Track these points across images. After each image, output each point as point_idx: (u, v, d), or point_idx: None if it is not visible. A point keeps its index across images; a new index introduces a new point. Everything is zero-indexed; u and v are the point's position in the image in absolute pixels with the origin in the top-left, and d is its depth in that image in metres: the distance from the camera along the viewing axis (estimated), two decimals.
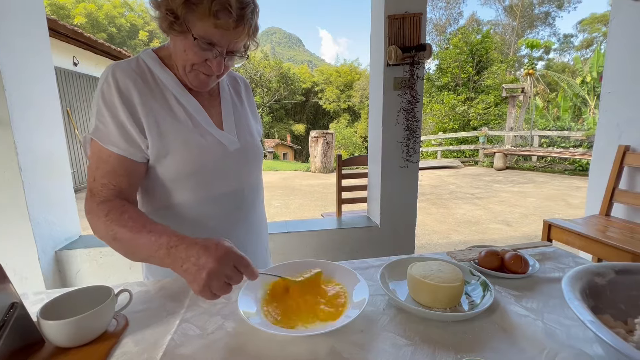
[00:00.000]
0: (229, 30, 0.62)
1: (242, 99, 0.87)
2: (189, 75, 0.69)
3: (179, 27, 0.63)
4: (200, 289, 0.52)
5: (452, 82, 15.39)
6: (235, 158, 0.77)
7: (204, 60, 0.66)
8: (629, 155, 2.10)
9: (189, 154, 0.70)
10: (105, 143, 0.65)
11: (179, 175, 0.70)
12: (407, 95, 2.04)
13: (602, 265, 0.54)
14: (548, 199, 5.36)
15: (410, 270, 0.63)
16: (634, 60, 2.07)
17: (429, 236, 3.73)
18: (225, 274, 0.53)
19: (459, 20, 22.78)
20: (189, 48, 0.64)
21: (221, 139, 0.75)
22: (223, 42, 0.64)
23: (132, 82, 0.67)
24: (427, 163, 9.84)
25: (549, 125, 10.85)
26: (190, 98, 0.73)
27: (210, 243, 0.54)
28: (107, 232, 0.61)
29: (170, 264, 0.55)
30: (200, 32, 0.62)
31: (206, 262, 0.52)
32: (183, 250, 0.54)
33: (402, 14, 1.96)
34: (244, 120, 0.83)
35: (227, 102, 0.81)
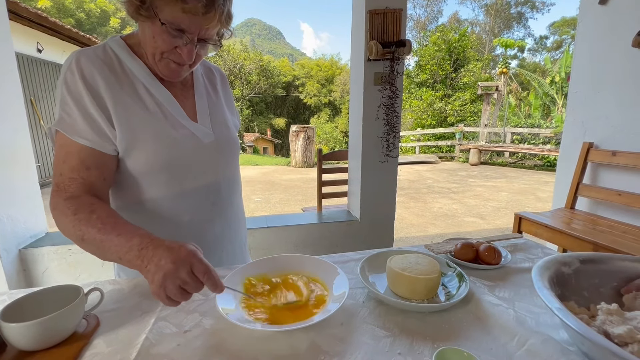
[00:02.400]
0: (198, 15, 0.59)
1: (217, 90, 0.84)
2: (159, 64, 0.66)
3: (146, 11, 0.59)
4: (155, 290, 0.50)
5: (430, 79, 15.70)
6: (210, 151, 0.74)
7: (173, 47, 0.63)
8: (593, 151, 2.22)
9: (160, 146, 0.66)
10: (72, 135, 0.62)
11: (150, 169, 0.67)
12: (387, 90, 2.05)
13: (568, 255, 0.57)
14: (519, 193, 5.61)
15: (390, 263, 0.64)
16: (599, 62, 2.19)
17: (408, 229, 3.82)
18: (181, 277, 0.50)
19: (438, 18, 23.21)
20: (157, 34, 0.61)
21: (195, 132, 0.72)
22: (193, 28, 0.61)
23: (98, 70, 0.64)
24: (406, 158, 10.03)
25: (521, 123, 11.32)
26: (161, 88, 0.70)
27: (175, 245, 0.52)
28: (75, 232, 0.58)
29: (139, 266, 0.53)
30: (168, 17, 0.59)
31: (165, 263, 0.50)
32: (151, 250, 0.53)
33: (382, 9, 1.97)
34: (219, 112, 0.80)
35: (201, 94, 0.78)
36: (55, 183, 0.62)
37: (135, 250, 0.54)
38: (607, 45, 2.11)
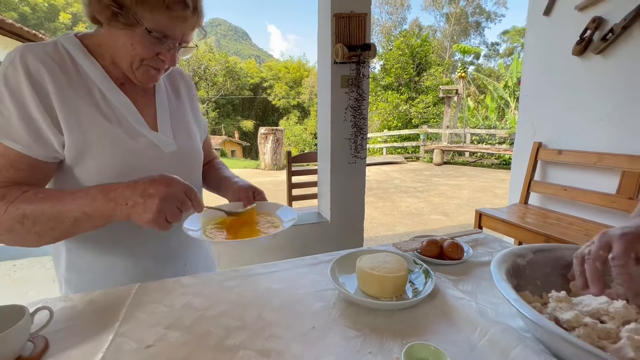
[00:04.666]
0: (186, 21, 0.60)
1: (181, 97, 0.80)
2: (136, 71, 0.63)
3: (126, 19, 0.57)
4: (154, 216, 0.52)
5: (395, 82, 16.22)
6: (171, 161, 0.70)
7: (155, 54, 0.62)
8: (542, 150, 2.41)
9: (116, 156, 0.62)
10: (4, 137, 0.56)
11: (103, 179, 0.61)
12: (354, 93, 2.09)
13: (523, 247, 0.60)
14: (479, 190, 5.94)
15: (359, 263, 0.65)
16: (545, 68, 2.38)
17: (377, 229, 3.90)
18: (178, 198, 0.54)
19: (402, 24, 24.06)
20: (138, 42, 0.59)
21: (155, 141, 0.68)
22: (177, 33, 0.61)
23: (47, 68, 0.58)
24: (374, 159, 10.26)
25: (479, 124, 12.02)
26: (119, 94, 0.65)
27: (155, 176, 0.55)
28: (11, 214, 0.53)
29: (112, 208, 0.53)
30: (153, 25, 0.57)
31: (156, 190, 0.52)
32: (124, 189, 0.53)
33: (348, 13, 2.00)
34: (182, 120, 0.77)
35: (163, 101, 0.74)
36: None
37: (101, 197, 0.53)
38: (552, 53, 2.31)
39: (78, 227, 0.55)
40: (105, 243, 0.68)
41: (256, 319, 0.57)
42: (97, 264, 0.69)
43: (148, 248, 0.72)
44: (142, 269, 0.71)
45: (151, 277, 0.70)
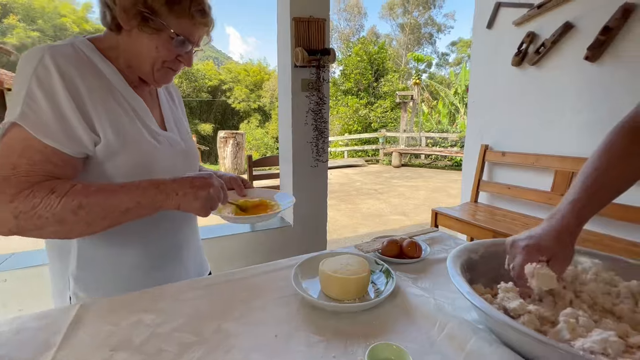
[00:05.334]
0: (205, 27, 0.70)
1: (174, 101, 0.88)
2: (156, 73, 0.70)
3: (154, 24, 0.63)
4: (203, 204, 0.63)
5: (355, 87, 16.65)
6: (181, 159, 0.78)
7: (175, 56, 0.69)
8: (488, 152, 2.60)
9: (142, 154, 0.68)
10: (39, 134, 0.57)
11: (131, 176, 0.65)
12: (315, 96, 2.10)
13: (475, 243, 0.64)
14: (434, 191, 6.27)
15: (322, 267, 0.65)
16: (489, 77, 2.58)
17: (340, 231, 3.95)
18: (218, 189, 0.66)
19: (360, 31, 24.83)
20: (162, 45, 0.66)
21: (169, 140, 0.75)
22: (196, 38, 0.69)
23: (77, 70, 0.61)
24: (336, 162, 10.41)
25: (433, 128, 12.72)
26: (136, 96, 0.71)
27: (196, 173, 0.66)
28: (66, 205, 0.56)
29: (163, 199, 0.61)
30: (178, 30, 0.65)
31: (203, 183, 0.64)
32: (172, 183, 0.62)
33: (307, 17, 2.01)
34: (181, 122, 0.86)
35: (165, 103, 0.82)
36: (3, 177, 0.56)
37: (152, 189, 0.61)
38: (494, 63, 2.51)
39: (127, 217, 0.60)
40: (117, 235, 0.70)
41: (214, 333, 0.54)
42: (108, 257, 0.72)
43: (159, 239, 0.76)
44: (151, 261, 0.75)
45: (159, 269, 0.76)
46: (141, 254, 0.74)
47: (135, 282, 0.72)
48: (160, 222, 0.74)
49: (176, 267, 0.80)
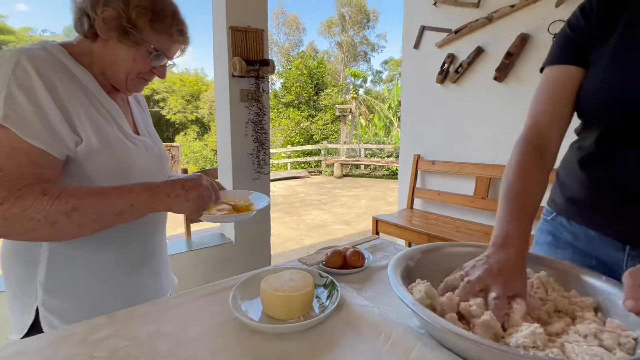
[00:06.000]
0: (183, 45, 0.75)
1: (143, 108, 0.90)
2: (130, 82, 0.72)
3: (134, 37, 0.66)
4: (196, 204, 0.66)
5: (296, 100, 16.86)
6: (156, 163, 0.80)
7: (150, 68, 0.72)
8: (420, 162, 2.80)
9: (120, 156, 0.69)
10: (25, 135, 0.56)
11: (111, 178, 0.67)
12: (255, 107, 2.06)
13: (411, 250, 0.66)
14: (374, 199, 6.57)
15: (263, 285, 0.61)
16: (418, 92, 2.81)
17: (284, 244, 3.88)
18: (208, 189, 0.68)
19: (300, 46, 25.40)
20: (140, 58, 0.69)
21: (143, 144, 0.76)
22: (172, 53, 0.74)
23: (55, 72, 0.61)
24: (279, 174, 10.32)
25: (371, 140, 13.43)
26: (111, 101, 0.72)
27: (186, 175, 0.70)
28: (59, 208, 0.56)
29: (156, 202, 0.63)
30: (157, 44, 0.69)
31: (194, 184, 0.66)
32: (164, 186, 0.64)
33: (244, 27, 1.98)
34: (151, 127, 0.88)
35: (136, 110, 0.84)
36: None
37: (145, 192, 0.62)
38: (422, 80, 2.75)
39: (119, 219, 0.62)
40: (93, 239, 0.68)
41: None
42: (84, 262, 0.71)
43: (134, 242, 0.77)
44: (127, 265, 0.76)
45: (135, 273, 0.77)
46: (118, 258, 0.74)
47: (111, 287, 0.73)
48: (134, 225, 0.73)
49: (150, 272, 0.82)
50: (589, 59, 0.63)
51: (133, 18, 0.65)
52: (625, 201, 0.61)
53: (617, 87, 0.58)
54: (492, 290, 0.50)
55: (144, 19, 0.65)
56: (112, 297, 0.73)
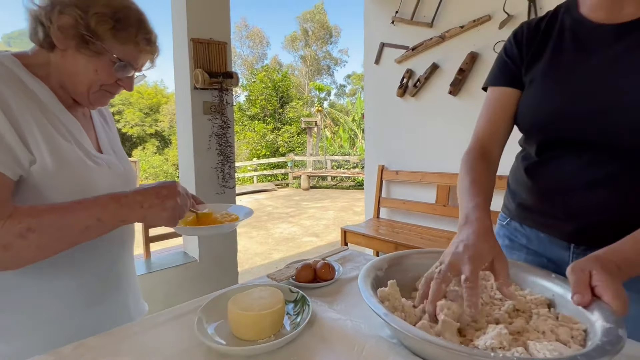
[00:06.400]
0: (151, 54, 0.69)
1: (108, 124, 0.84)
2: (92, 95, 0.66)
3: (95, 47, 0.61)
4: (172, 214, 0.61)
5: (261, 113, 16.78)
6: (121, 183, 0.74)
7: (115, 80, 0.67)
8: (385, 172, 2.89)
9: (82, 176, 0.64)
10: None
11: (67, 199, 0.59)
12: (218, 120, 2.01)
13: (380, 259, 0.67)
14: (342, 210, 6.63)
15: (230, 305, 0.58)
16: (380, 105, 2.92)
17: (252, 260, 3.77)
18: (184, 197, 0.64)
19: (264, 59, 25.48)
20: (102, 68, 0.63)
21: (107, 163, 0.71)
22: (140, 63, 0.68)
23: (7, 87, 0.56)
24: (245, 188, 10.11)
25: (336, 152, 13.66)
26: (70, 117, 0.66)
27: (159, 182, 0.63)
28: (11, 229, 0.50)
29: (127, 213, 0.58)
30: (121, 54, 0.63)
31: (169, 191, 0.61)
32: (135, 195, 0.59)
33: (206, 39, 1.95)
34: (117, 143, 0.82)
35: (99, 126, 0.78)
36: None
37: (113, 203, 0.57)
38: (383, 94, 2.86)
39: (85, 236, 0.57)
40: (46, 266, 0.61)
41: None
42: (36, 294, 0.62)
43: (96, 267, 0.70)
44: (88, 295, 0.68)
45: (98, 304, 0.70)
46: (77, 287, 0.67)
47: (71, 322, 0.65)
48: (97, 246, 0.67)
49: (117, 300, 0.75)
50: (523, 82, 0.71)
51: (92, 26, 0.60)
52: (567, 204, 0.67)
53: (545, 109, 0.66)
54: (462, 272, 0.50)
55: (104, 26, 0.61)
56: (71, 334, 0.61)
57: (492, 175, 0.72)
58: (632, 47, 0.58)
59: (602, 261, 0.51)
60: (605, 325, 0.43)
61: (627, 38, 0.58)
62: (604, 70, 0.60)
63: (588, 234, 0.59)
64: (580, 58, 0.63)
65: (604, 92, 0.60)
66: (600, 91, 0.60)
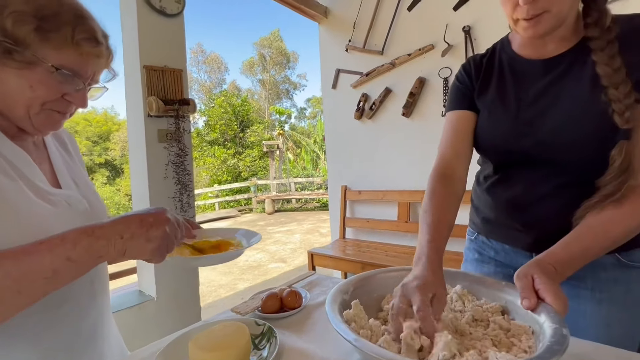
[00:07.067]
0: (99, 58, 0.56)
1: (69, 151, 0.72)
2: (35, 117, 0.54)
3: (22, 56, 0.49)
4: (159, 245, 0.52)
5: (221, 138, 16.50)
6: (85, 221, 0.58)
7: (60, 95, 0.55)
8: (348, 192, 2.94)
9: (32, 219, 0.52)
10: None
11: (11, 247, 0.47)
12: (175, 148, 1.94)
13: (345, 282, 0.67)
14: (308, 232, 6.58)
15: (191, 347, 0.54)
16: (339, 128, 3.01)
17: (216, 292, 3.57)
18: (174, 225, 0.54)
19: (222, 84, 25.37)
20: (39, 82, 0.52)
21: (65, 199, 0.60)
22: (88, 72, 0.56)
23: None
24: (206, 216, 9.70)
25: (300, 174, 13.72)
26: (15, 149, 0.56)
27: (145, 209, 0.54)
28: None
29: (103, 247, 0.48)
30: (60, 62, 0.52)
31: (156, 219, 0.52)
32: (114, 224, 0.50)
33: (161, 66, 1.91)
34: (81, 175, 0.71)
35: (57, 156, 0.66)
36: None
37: (85, 237, 0.47)
38: (342, 116, 2.96)
39: (53, 284, 0.46)
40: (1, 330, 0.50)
41: None
42: None
43: (62, 326, 0.58)
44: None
45: None
46: (37, 354, 0.54)
47: None
48: (61, 300, 0.57)
49: None
50: (477, 105, 0.79)
51: (9, 29, 0.48)
52: (523, 217, 0.74)
53: (496, 133, 0.74)
54: (413, 303, 0.52)
55: (25, 28, 0.48)
56: None
57: (454, 195, 0.75)
58: (557, 78, 0.68)
59: (541, 265, 0.56)
60: (552, 325, 0.46)
61: (552, 71, 0.68)
62: (538, 99, 0.69)
63: (546, 243, 0.64)
64: (518, 89, 0.73)
65: (540, 118, 0.68)
66: (537, 116, 0.69)
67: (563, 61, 0.67)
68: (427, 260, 0.59)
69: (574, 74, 0.66)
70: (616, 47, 0.59)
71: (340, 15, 2.88)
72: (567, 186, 0.68)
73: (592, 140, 0.63)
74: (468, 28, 2.22)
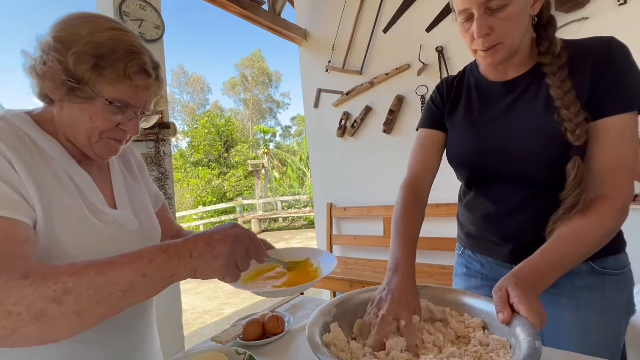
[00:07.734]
0: (148, 90, 0.60)
1: (134, 172, 0.78)
2: (95, 145, 0.60)
3: (83, 93, 0.55)
4: (226, 262, 0.50)
5: (205, 158, 16.34)
6: (134, 240, 0.65)
7: (115, 125, 0.60)
8: (333, 209, 2.94)
9: (80, 233, 0.57)
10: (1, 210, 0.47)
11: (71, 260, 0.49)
12: (155, 172, 1.91)
13: (327, 304, 0.65)
14: None
15: None
16: (323, 145, 3.04)
17: (201, 318, 3.44)
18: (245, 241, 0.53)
19: (205, 105, 25.37)
20: (97, 114, 0.57)
21: (118, 219, 0.64)
22: (140, 102, 0.61)
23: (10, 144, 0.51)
24: None
25: (286, 192, 13.66)
26: (81, 172, 0.62)
27: (220, 226, 0.54)
28: (45, 292, 0.41)
29: (176, 265, 0.48)
30: (114, 95, 0.57)
31: (224, 235, 0.51)
32: (185, 243, 0.49)
33: None
34: (139, 197, 0.74)
35: (118, 177, 0.72)
36: None
37: (160, 254, 0.47)
38: (325, 134, 3.00)
39: (129, 298, 0.46)
40: None
41: None
42: None
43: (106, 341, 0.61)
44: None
45: None
46: None
47: None
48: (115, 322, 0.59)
49: None
50: (446, 125, 0.86)
51: (72, 69, 0.53)
52: (499, 230, 0.77)
53: (465, 149, 0.80)
54: (402, 318, 0.57)
55: (84, 67, 0.54)
56: None
57: (421, 214, 0.82)
58: (516, 99, 0.73)
59: (516, 277, 0.57)
60: (526, 338, 0.47)
61: (512, 93, 0.74)
62: (501, 117, 0.75)
63: (523, 254, 0.65)
64: (483, 108, 0.78)
65: (503, 134, 0.73)
66: (501, 133, 0.74)
67: (521, 83, 0.73)
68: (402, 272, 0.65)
69: (530, 95, 0.71)
70: (566, 72, 0.65)
71: (319, 38, 2.97)
72: (534, 198, 0.72)
73: (547, 155, 0.68)
74: (441, 48, 2.33)
